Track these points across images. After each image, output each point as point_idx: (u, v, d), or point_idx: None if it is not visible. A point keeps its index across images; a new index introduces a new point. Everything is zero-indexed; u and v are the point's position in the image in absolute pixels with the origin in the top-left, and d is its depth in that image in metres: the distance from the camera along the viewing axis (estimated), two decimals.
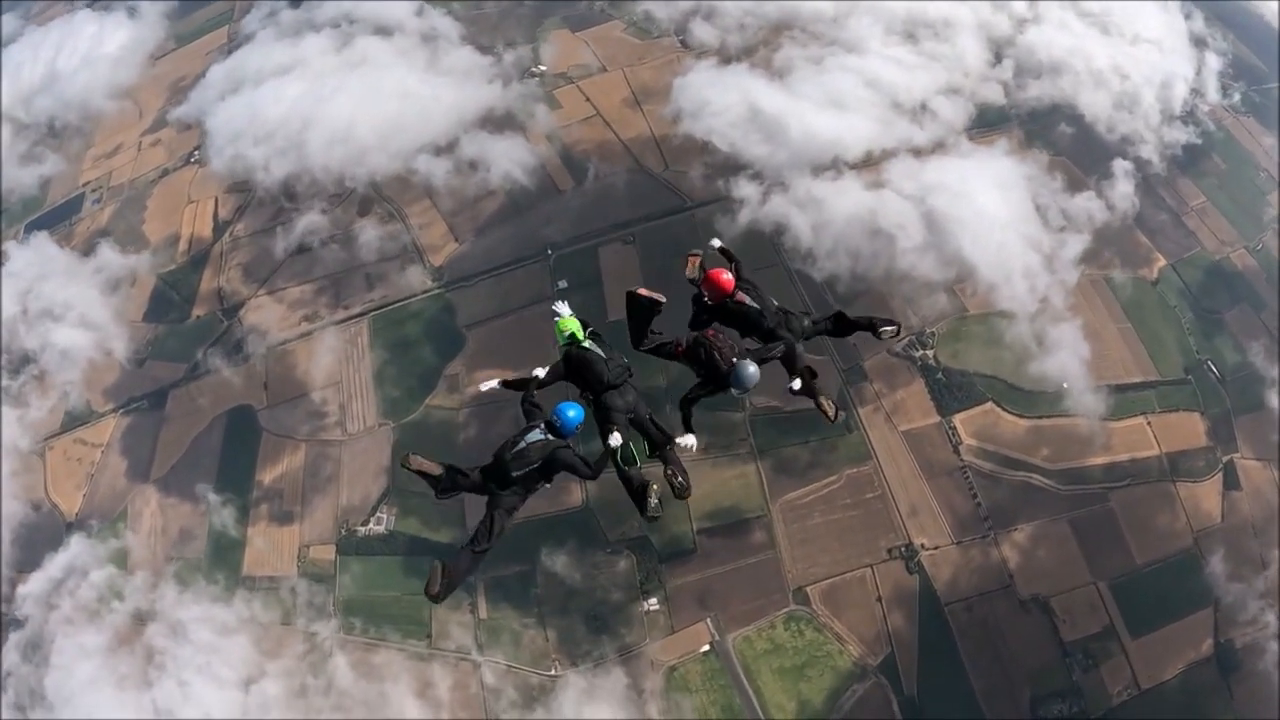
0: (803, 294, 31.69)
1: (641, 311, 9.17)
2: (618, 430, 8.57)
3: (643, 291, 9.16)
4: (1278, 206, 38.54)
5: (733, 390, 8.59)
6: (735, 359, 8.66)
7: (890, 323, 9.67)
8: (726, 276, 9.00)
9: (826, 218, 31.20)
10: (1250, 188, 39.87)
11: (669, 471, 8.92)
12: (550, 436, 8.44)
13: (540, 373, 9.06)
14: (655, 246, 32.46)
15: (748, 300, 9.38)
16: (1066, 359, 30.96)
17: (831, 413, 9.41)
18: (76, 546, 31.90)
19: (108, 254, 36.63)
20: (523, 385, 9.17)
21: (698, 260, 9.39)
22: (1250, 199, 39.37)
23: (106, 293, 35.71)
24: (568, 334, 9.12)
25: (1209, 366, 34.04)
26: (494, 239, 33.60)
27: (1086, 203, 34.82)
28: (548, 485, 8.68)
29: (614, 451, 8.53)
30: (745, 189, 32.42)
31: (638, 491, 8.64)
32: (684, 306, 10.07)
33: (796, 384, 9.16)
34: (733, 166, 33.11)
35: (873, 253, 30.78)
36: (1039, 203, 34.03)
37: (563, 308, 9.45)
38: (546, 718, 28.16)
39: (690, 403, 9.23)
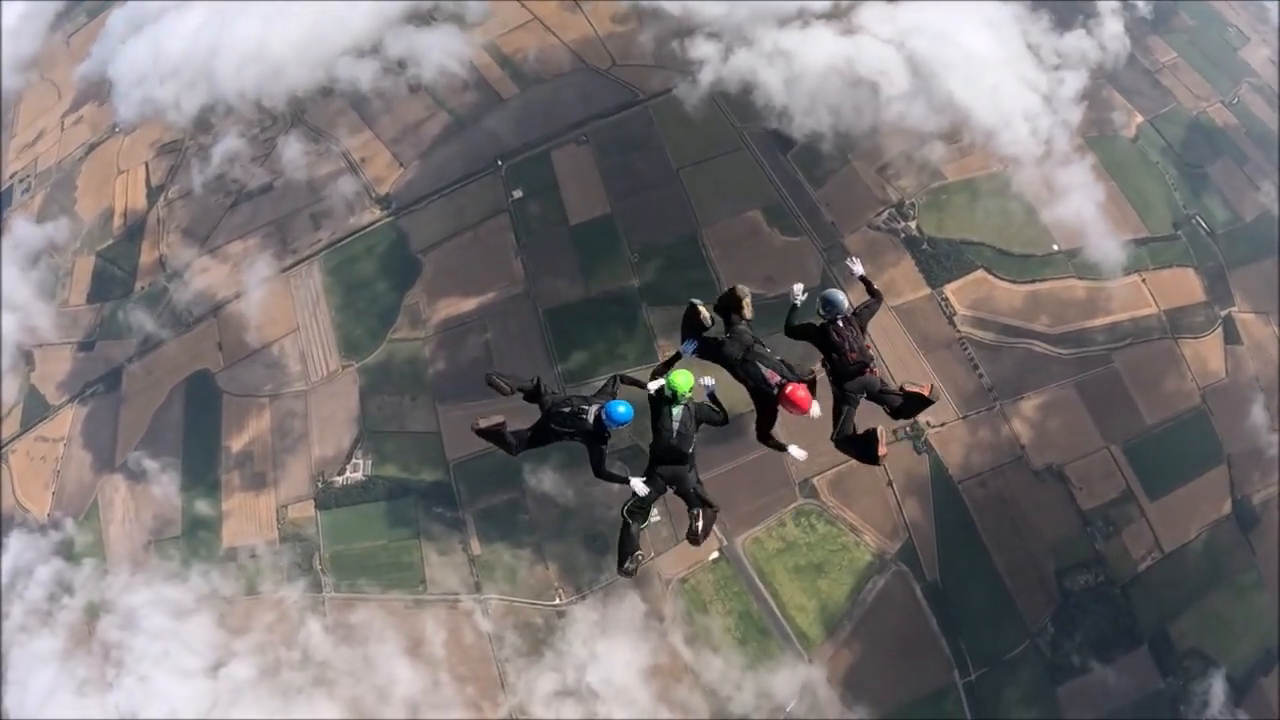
0: (775, 181, 30.03)
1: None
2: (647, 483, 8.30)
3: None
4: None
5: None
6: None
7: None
8: (801, 394, 8.20)
9: (799, 70, 28.92)
10: (1219, 42, 38.84)
11: (694, 513, 8.55)
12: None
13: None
14: (610, 144, 30.73)
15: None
16: (1080, 202, 29.30)
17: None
18: (16, 544, 29.73)
19: (23, 228, 33.90)
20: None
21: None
22: (1221, 53, 38.35)
23: (26, 268, 33.04)
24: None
25: (1198, 221, 33.07)
26: (441, 158, 31.55)
27: (1078, 41, 32.95)
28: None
29: (632, 503, 8.36)
30: (704, 48, 30.05)
31: (624, 547, 8.57)
32: None
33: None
34: (687, 30, 30.74)
35: (855, 105, 28.61)
36: (1030, 41, 32.03)
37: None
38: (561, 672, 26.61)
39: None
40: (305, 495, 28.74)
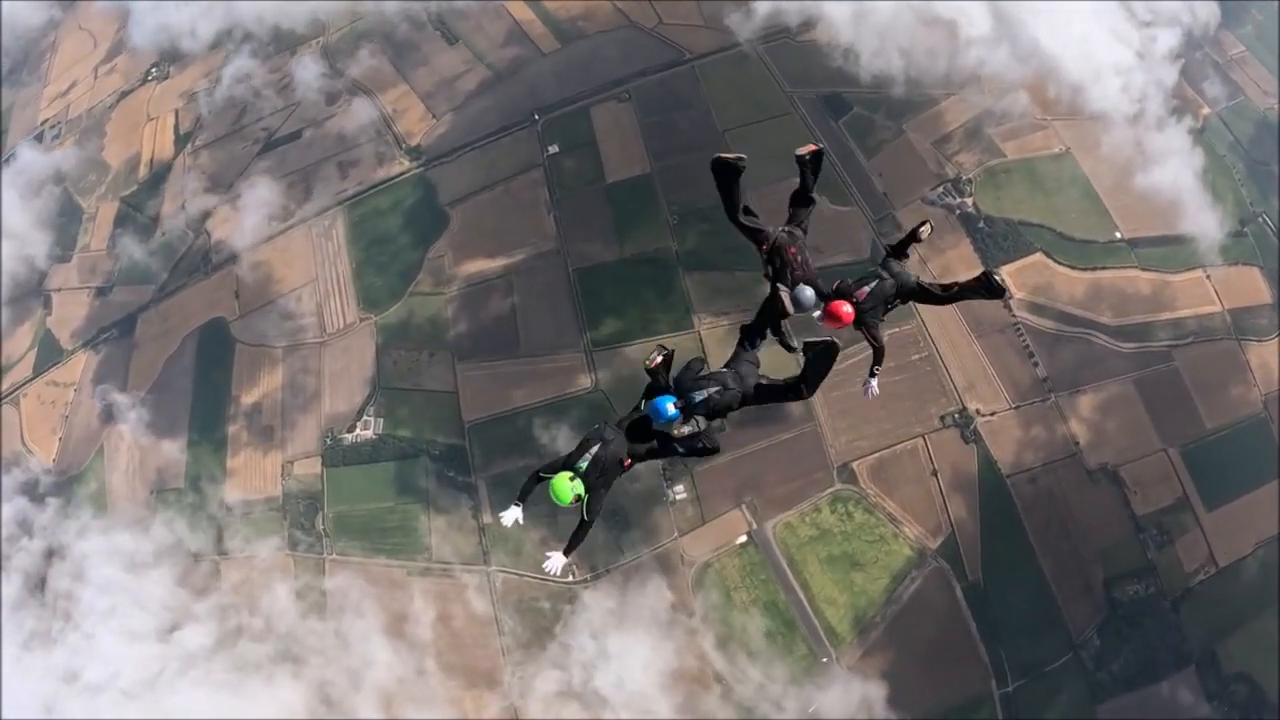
0: (825, 148, 28.35)
1: (728, 173, 7.78)
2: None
3: (724, 155, 7.88)
4: None
5: (791, 308, 7.75)
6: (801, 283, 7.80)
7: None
8: (847, 309, 7.63)
9: (869, 4, 26.47)
10: None
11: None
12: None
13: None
14: (653, 102, 29.32)
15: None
16: (1178, 169, 26.98)
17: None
18: None
19: (28, 155, 32.78)
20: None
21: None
22: None
23: (28, 197, 32.02)
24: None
25: (1265, 220, 31.22)
26: (475, 110, 30.34)
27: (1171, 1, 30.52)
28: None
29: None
30: None
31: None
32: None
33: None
34: None
35: (930, 48, 26.21)
36: None
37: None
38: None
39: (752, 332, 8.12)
40: (313, 451, 27.53)
